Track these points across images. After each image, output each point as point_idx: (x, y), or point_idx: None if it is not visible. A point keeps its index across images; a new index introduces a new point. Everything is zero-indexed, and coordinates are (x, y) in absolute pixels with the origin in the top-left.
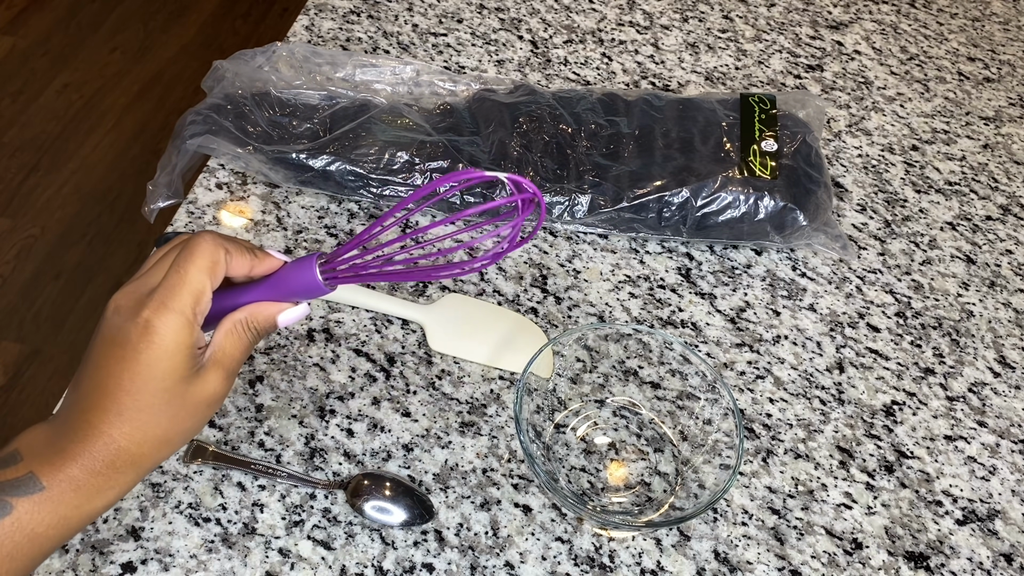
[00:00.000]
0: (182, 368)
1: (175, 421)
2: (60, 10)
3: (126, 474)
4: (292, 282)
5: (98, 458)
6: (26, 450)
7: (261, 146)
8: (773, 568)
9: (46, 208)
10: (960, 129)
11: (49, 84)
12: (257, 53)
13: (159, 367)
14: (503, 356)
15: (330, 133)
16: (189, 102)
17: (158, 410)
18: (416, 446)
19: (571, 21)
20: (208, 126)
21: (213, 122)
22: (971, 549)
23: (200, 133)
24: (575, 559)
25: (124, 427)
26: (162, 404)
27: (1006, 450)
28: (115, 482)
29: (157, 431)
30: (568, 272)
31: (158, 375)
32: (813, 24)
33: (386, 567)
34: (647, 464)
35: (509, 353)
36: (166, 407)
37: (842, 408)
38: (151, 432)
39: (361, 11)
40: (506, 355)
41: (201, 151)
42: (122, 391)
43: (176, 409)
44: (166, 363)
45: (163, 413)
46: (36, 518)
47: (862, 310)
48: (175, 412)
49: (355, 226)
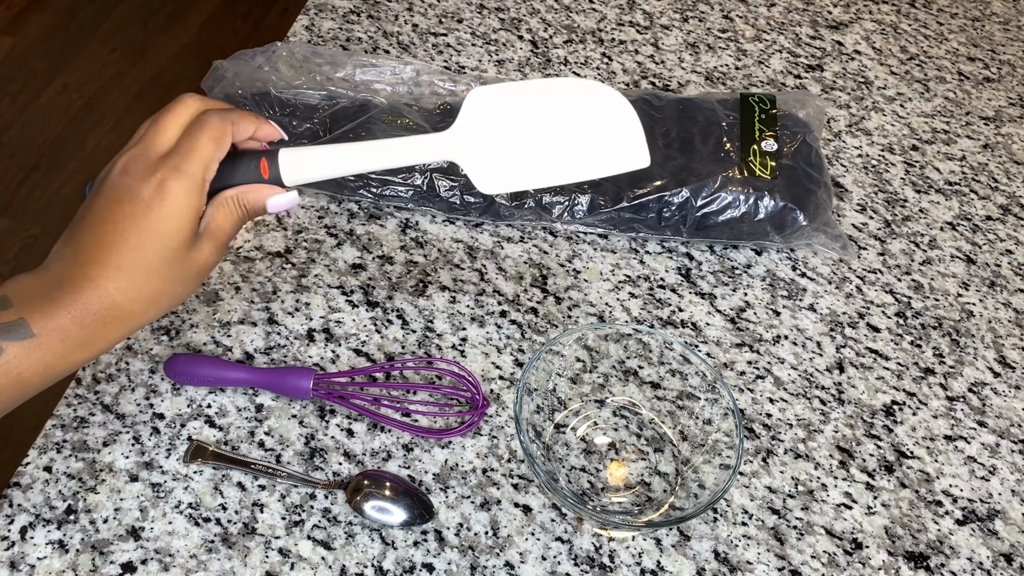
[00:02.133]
0: (186, 230)
1: (169, 283)
2: (60, 10)
3: (113, 330)
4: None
5: (90, 310)
6: (16, 297)
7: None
8: (773, 568)
9: (46, 208)
10: (960, 129)
11: (49, 84)
12: (257, 53)
13: (168, 225)
14: (595, 157)
15: (330, 133)
16: None
17: (157, 269)
18: (416, 446)
19: (571, 21)
20: None
21: None
22: (971, 549)
23: None
24: (575, 559)
25: (121, 281)
26: (162, 263)
27: (1006, 450)
28: (100, 337)
29: (151, 290)
30: (568, 272)
31: (166, 233)
32: (813, 24)
33: (386, 567)
34: (647, 464)
35: (604, 148)
36: (166, 267)
37: (842, 408)
38: (146, 290)
39: (361, 11)
40: (601, 152)
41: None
42: (127, 247)
43: (173, 271)
44: (175, 222)
45: (161, 273)
46: (24, 363)
47: (862, 310)
48: (172, 274)
49: (355, 226)
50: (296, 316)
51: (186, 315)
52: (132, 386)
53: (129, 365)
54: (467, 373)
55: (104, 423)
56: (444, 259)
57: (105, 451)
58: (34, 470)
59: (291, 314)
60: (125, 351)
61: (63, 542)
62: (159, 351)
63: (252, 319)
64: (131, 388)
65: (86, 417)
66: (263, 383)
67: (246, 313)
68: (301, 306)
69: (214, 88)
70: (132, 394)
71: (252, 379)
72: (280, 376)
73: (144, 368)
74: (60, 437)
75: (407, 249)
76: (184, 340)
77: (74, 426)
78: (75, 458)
